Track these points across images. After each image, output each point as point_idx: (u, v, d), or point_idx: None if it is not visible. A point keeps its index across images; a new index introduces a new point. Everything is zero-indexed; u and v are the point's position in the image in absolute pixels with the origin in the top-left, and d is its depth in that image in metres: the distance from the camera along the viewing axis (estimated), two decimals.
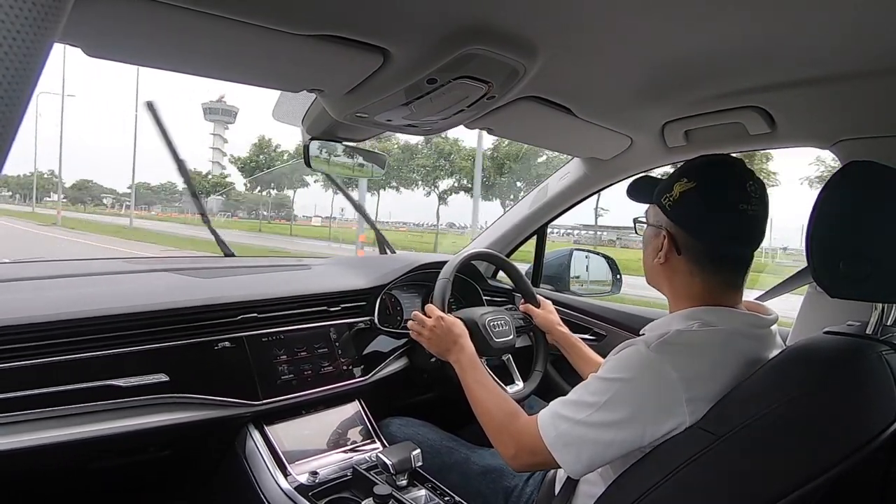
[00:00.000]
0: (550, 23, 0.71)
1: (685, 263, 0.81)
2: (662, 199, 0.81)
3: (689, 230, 0.80)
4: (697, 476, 0.64)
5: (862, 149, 1.00)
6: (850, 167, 0.66)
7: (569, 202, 1.63)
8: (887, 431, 0.58)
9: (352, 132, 1.18)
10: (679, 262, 0.81)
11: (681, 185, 0.79)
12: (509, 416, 0.88)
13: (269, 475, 1.02)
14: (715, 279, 0.80)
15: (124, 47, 0.72)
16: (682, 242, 0.80)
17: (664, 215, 0.81)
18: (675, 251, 0.81)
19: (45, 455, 0.85)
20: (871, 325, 0.74)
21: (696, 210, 0.78)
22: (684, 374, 0.71)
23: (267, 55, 0.75)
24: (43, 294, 1.00)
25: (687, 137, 1.19)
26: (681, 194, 0.79)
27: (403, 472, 0.99)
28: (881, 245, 0.62)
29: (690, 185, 0.78)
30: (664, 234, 0.82)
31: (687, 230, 0.80)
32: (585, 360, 1.23)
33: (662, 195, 0.81)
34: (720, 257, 0.80)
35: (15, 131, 0.24)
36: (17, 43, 0.22)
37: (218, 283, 1.19)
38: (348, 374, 1.24)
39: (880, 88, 0.85)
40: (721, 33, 0.73)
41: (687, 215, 0.79)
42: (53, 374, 0.87)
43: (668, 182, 0.81)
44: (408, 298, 1.48)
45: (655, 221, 0.84)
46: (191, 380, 1.00)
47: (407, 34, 0.72)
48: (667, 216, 0.81)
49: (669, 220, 0.81)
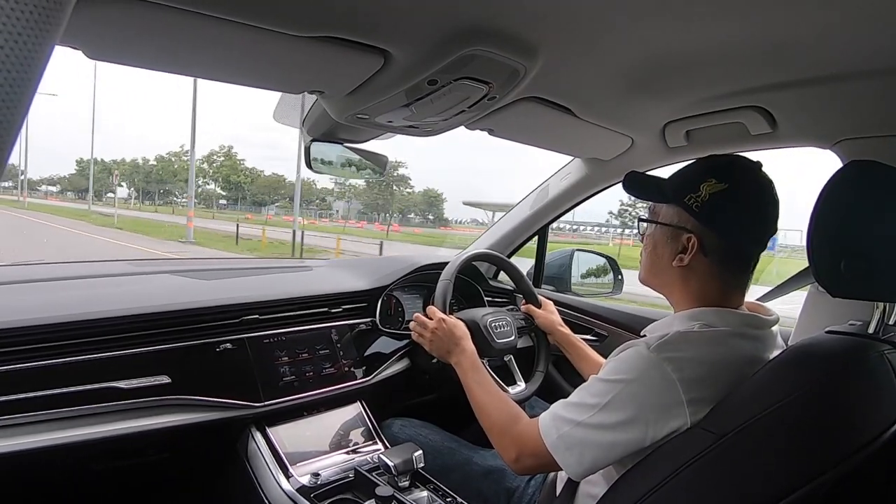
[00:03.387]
0: (551, 23, 0.71)
1: (708, 265, 0.79)
2: (687, 199, 0.78)
3: (720, 232, 0.77)
4: (699, 476, 0.64)
5: (863, 148, 1.00)
6: (851, 167, 0.66)
7: (570, 202, 1.62)
8: (889, 431, 0.58)
9: (352, 133, 1.18)
10: (701, 264, 0.79)
11: (710, 186, 0.76)
12: (511, 420, 0.88)
13: (271, 477, 1.02)
14: (732, 280, 0.79)
15: (125, 50, 0.72)
16: (709, 244, 0.78)
17: (690, 216, 0.79)
18: (702, 254, 0.79)
19: (46, 457, 0.85)
20: (872, 324, 0.74)
21: (730, 212, 0.76)
22: (685, 375, 0.70)
23: (268, 57, 0.75)
24: (45, 296, 1.01)
25: (688, 137, 1.19)
26: (710, 195, 0.76)
27: (405, 473, 0.99)
28: (882, 244, 0.62)
29: (721, 186, 0.76)
30: (689, 236, 0.79)
31: (717, 232, 0.78)
32: (587, 361, 1.23)
33: (686, 195, 0.78)
34: (743, 259, 0.79)
35: (16, 135, 0.24)
36: (17, 46, 0.22)
37: (219, 285, 1.20)
38: (350, 375, 1.24)
39: (881, 88, 0.85)
40: (722, 33, 0.73)
41: (719, 217, 0.77)
42: (55, 376, 0.87)
43: (689, 181, 0.79)
44: (409, 299, 1.48)
45: (677, 222, 0.81)
46: (193, 381, 1.00)
47: (407, 35, 0.72)
48: (694, 218, 0.78)
49: (697, 221, 0.78)
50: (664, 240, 0.83)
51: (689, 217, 0.79)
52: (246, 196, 46.24)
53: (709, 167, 0.79)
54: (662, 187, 0.84)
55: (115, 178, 37.52)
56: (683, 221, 0.80)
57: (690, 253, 0.79)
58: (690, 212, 0.78)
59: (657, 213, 0.85)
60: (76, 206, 36.49)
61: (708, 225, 0.78)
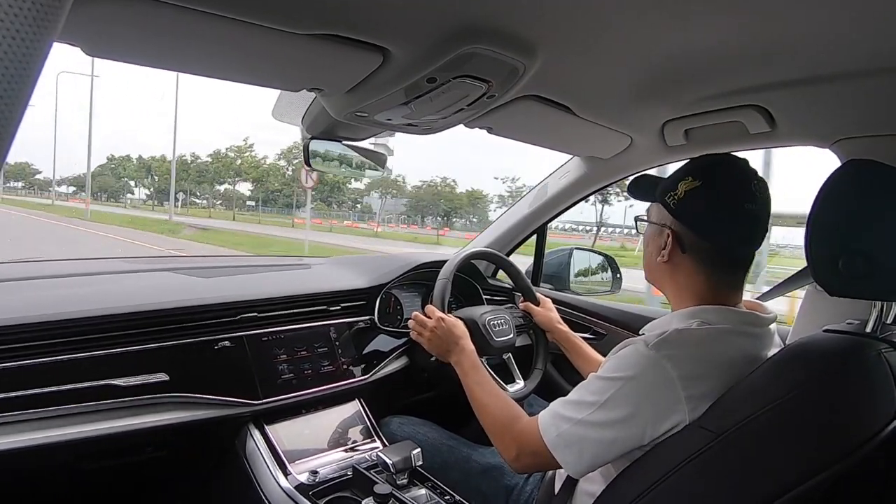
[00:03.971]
0: (550, 22, 0.71)
1: (689, 262, 0.81)
2: (666, 198, 0.81)
3: (695, 229, 0.80)
4: (697, 474, 0.64)
5: (861, 148, 1.00)
6: (850, 166, 0.66)
7: (568, 201, 1.62)
8: (886, 429, 0.58)
9: (351, 131, 1.18)
10: (682, 261, 0.81)
11: (686, 184, 0.79)
12: (510, 419, 0.88)
13: (269, 474, 1.02)
14: (717, 278, 0.80)
15: (124, 47, 0.72)
16: (687, 241, 0.80)
17: (668, 214, 0.81)
18: (679, 250, 0.81)
19: (44, 455, 0.85)
20: (870, 323, 0.74)
21: (701, 209, 0.78)
22: (684, 373, 0.71)
23: (266, 54, 0.75)
24: (43, 294, 1.00)
25: (687, 136, 1.19)
26: (686, 193, 0.79)
27: (404, 470, 0.99)
28: (880, 243, 0.62)
29: (696, 183, 0.78)
30: (668, 232, 0.81)
31: (692, 229, 0.80)
32: (585, 359, 1.23)
33: (666, 193, 0.81)
34: (724, 256, 0.80)
35: (14, 131, 0.24)
36: (16, 42, 0.22)
37: (218, 283, 1.20)
38: (348, 373, 1.24)
39: (880, 87, 0.85)
40: (721, 32, 0.73)
41: (692, 214, 0.79)
42: (53, 373, 0.87)
43: (672, 180, 0.81)
44: (408, 297, 1.48)
45: (659, 220, 0.84)
46: (191, 379, 1.00)
47: (406, 33, 0.72)
48: (671, 214, 0.81)
49: (674, 218, 0.81)
50: (652, 237, 0.86)
51: (668, 214, 0.82)
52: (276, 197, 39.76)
53: (689, 167, 0.82)
54: (654, 188, 0.86)
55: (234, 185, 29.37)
56: (663, 219, 0.83)
57: (668, 249, 0.81)
58: (668, 209, 0.81)
59: (650, 213, 0.88)
60: (129, 213, 29.35)
61: (682, 221, 0.80)
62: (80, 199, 38.72)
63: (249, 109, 71.54)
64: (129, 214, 27.52)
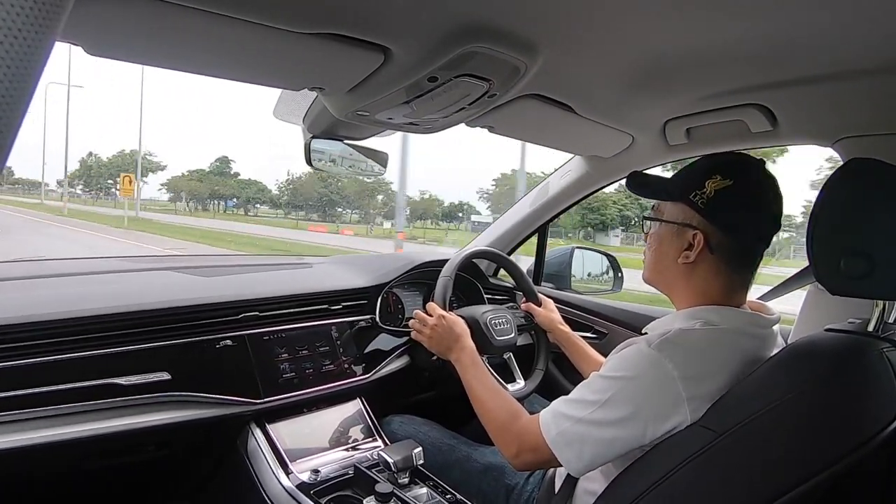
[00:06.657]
0: (551, 21, 0.71)
1: (713, 263, 0.79)
2: (692, 196, 0.78)
3: (726, 229, 0.77)
4: (698, 474, 0.64)
5: (863, 147, 0.99)
6: (851, 165, 0.66)
7: (570, 200, 1.62)
8: (888, 429, 0.58)
9: (353, 130, 1.18)
10: (706, 262, 0.79)
11: (715, 183, 0.76)
12: (511, 416, 0.88)
13: (271, 473, 1.02)
14: (736, 278, 0.80)
15: (125, 46, 0.72)
16: (715, 241, 0.78)
17: (696, 213, 0.78)
18: (707, 250, 0.79)
19: (46, 454, 0.85)
20: (872, 322, 0.74)
21: (735, 209, 0.76)
22: (685, 373, 0.71)
23: (268, 53, 0.75)
24: (45, 293, 1.01)
25: (688, 135, 1.19)
26: (716, 192, 0.76)
27: (405, 470, 0.99)
28: (882, 242, 0.62)
29: (726, 182, 0.76)
30: (695, 233, 0.79)
31: (723, 229, 0.78)
32: (586, 359, 1.23)
33: (691, 192, 0.78)
34: (748, 256, 0.79)
35: (16, 131, 0.24)
36: (18, 41, 0.22)
37: (219, 282, 1.20)
38: (350, 372, 1.24)
39: (882, 86, 0.85)
40: (723, 31, 0.73)
41: (725, 214, 0.77)
42: (54, 372, 0.87)
43: (696, 179, 0.79)
44: (409, 296, 1.48)
45: (682, 219, 0.81)
46: (192, 378, 1.00)
47: (408, 32, 0.72)
48: (700, 214, 0.78)
49: (703, 218, 0.78)
50: (669, 238, 0.83)
51: (695, 214, 0.79)
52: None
53: (714, 164, 0.79)
54: (667, 186, 0.85)
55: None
56: (689, 218, 0.80)
57: (697, 249, 0.79)
58: (696, 209, 0.78)
59: (661, 212, 0.85)
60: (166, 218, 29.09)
61: (713, 221, 0.78)
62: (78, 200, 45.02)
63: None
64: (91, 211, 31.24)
